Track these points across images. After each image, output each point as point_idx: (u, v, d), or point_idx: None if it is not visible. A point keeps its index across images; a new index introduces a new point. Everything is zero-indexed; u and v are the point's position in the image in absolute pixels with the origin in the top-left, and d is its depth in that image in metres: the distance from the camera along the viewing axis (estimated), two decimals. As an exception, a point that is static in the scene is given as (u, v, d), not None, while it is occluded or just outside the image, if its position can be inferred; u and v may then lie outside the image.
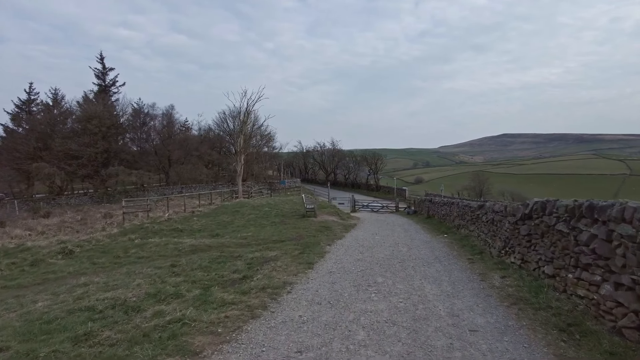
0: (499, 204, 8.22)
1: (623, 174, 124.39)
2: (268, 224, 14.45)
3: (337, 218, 17.32)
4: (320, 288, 5.26)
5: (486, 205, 9.22)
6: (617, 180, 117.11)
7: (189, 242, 10.33)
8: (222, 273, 6.71)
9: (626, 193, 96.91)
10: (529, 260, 5.97)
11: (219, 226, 14.63)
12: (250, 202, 21.46)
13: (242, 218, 16.55)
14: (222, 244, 9.97)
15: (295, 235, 11.27)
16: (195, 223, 15.57)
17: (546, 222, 5.40)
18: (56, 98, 54.19)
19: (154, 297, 5.39)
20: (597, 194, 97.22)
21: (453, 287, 5.33)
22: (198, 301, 4.97)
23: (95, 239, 11.90)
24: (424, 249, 8.99)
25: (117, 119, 47.25)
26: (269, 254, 8.19)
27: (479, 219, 9.62)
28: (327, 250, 8.64)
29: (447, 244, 9.72)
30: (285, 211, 18.09)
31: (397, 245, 9.52)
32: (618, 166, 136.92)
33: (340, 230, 12.93)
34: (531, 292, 4.75)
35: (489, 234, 8.64)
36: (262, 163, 54.12)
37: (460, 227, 12.34)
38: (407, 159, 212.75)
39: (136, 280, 6.59)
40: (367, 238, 10.97)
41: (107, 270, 8.13)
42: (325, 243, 9.62)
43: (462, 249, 8.82)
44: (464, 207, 11.94)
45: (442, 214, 16.13)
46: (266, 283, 5.50)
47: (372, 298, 4.74)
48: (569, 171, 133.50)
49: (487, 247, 8.41)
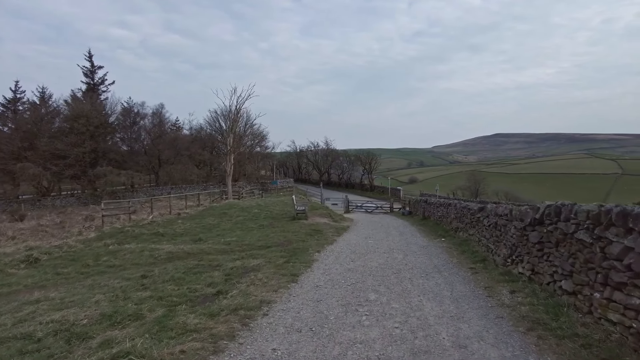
0: (503, 207, 7.52)
1: (615, 174, 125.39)
2: (256, 227, 13.67)
3: (329, 220, 16.58)
4: (303, 308, 4.51)
5: (488, 208, 8.54)
6: (609, 180, 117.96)
7: (167, 249, 9.52)
8: (195, 287, 5.93)
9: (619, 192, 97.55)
10: (540, 271, 5.27)
11: (203, 230, 13.82)
12: (239, 204, 20.65)
13: (229, 221, 15.75)
14: (202, 251, 9.18)
15: (282, 240, 10.51)
16: (179, 226, 14.74)
17: (562, 229, 4.70)
18: (43, 97, 52.83)
19: (109, 319, 4.60)
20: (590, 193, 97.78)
21: (456, 305, 4.61)
22: (157, 325, 4.19)
23: (67, 244, 11.02)
24: (421, 255, 8.28)
25: (105, 118, 46.03)
26: (251, 263, 7.42)
27: (480, 223, 8.94)
28: (315, 258, 7.88)
29: (445, 250, 9.02)
30: (275, 213, 17.32)
31: (391, 251, 8.80)
32: (610, 166, 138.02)
33: (332, 234, 12.20)
34: (549, 313, 4.04)
35: (491, 239, 7.95)
36: (255, 163, 53.19)
37: (458, 230, 11.67)
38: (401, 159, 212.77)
39: (96, 296, 5.78)
40: (360, 243, 10.24)
41: (71, 281, 7.30)
42: (314, 249, 8.87)
43: (462, 256, 8.13)
44: (463, 209, 11.27)
45: (438, 215, 15.47)
46: (240, 302, 4.73)
47: (363, 322, 4.00)
48: (561, 171, 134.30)
49: (490, 253, 7.72)
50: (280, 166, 72.14)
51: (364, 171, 56.53)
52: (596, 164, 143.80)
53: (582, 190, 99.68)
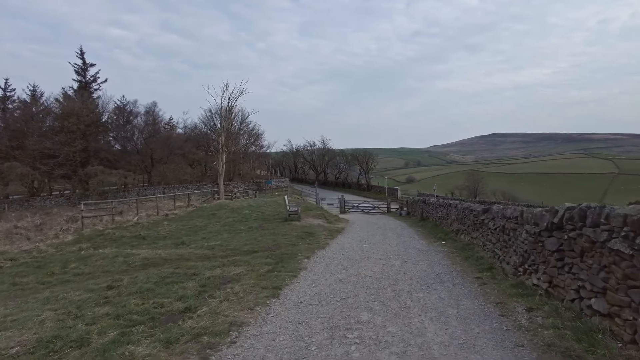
0: (512, 208, 6.77)
1: (612, 173, 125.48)
2: (245, 229, 12.88)
3: (324, 221, 15.81)
4: (281, 333, 3.72)
5: (493, 209, 7.78)
6: (606, 179, 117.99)
7: (144, 254, 8.71)
8: (163, 300, 5.15)
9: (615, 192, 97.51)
10: (561, 285, 4.52)
11: (189, 232, 13.01)
12: (230, 204, 19.83)
13: (218, 222, 14.95)
14: (182, 257, 8.38)
15: (271, 244, 9.72)
16: (164, 228, 13.92)
17: (589, 237, 3.94)
18: (34, 95, 51.69)
19: (45, 346, 3.80)
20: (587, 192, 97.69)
21: (465, 327, 3.85)
22: (100, 357, 3.42)
23: (37, 249, 10.19)
24: (420, 261, 7.52)
25: (97, 116, 45.00)
26: (232, 272, 6.63)
27: (484, 225, 8.19)
28: (303, 265, 7.10)
29: (447, 255, 8.27)
30: (267, 214, 16.53)
31: (388, 257, 8.04)
32: (606, 165, 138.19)
33: (325, 237, 11.42)
34: (581, 341, 3.29)
35: (498, 244, 7.20)
36: (250, 162, 52.33)
37: (459, 233, 10.93)
38: (398, 159, 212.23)
39: (45, 313, 4.98)
40: (354, 247, 9.47)
41: (26, 293, 6.48)
42: (304, 254, 8.09)
43: (465, 262, 7.37)
44: (464, 210, 10.52)
45: (437, 216, 14.73)
46: (206, 324, 3.95)
47: (352, 354, 3.22)
48: (558, 170, 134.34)
49: (497, 260, 6.97)
50: (276, 166, 71.29)
51: (361, 170, 55.74)
52: (593, 163, 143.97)
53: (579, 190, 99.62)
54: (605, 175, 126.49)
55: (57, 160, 39.81)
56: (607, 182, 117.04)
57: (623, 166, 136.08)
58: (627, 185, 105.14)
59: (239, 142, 51.68)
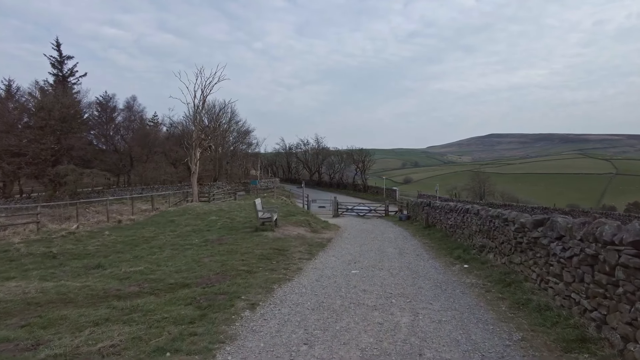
0: (607, 226, 3.74)
1: (609, 174, 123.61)
2: (197, 243, 9.76)
3: (307, 230, 12.75)
4: None
5: (559, 224, 4.69)
6: (604, 180, 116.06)
7: (6, 290, 5.58)
8: None
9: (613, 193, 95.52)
10: None
11: (126, 246, 9.89)
12: (197, 208, 16.69)
13: (173, 232, 11.85)
14: (59, 297, 5.29)
15: (216, 272, 6.62)
16: (99, 240, 10.78)
17: None
18: (9, 89, 48.28)
19: None
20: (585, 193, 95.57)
21: None
22: None
23: None
24: (443, 313, 4.47)
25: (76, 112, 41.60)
26: (99, 344, 3.55)
27: (540, 248, 5.12)
28: (237, 328, 4.01)
29: (481, 296, 5.22)
30: (237, 221, 13.42)
31: (389, 300, 4.99)
32: (604, 166, 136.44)
33: (301, 256, 8.36)
34: None
35: (576, 285, 4.15)
36: (238, 161, 49.08)
37: (485, 250, 7.91)
38: (395, 159, 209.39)
39: None
40: (337, 276, 6.41)
41: None
42: (250, 298, 5.01)
43: (520, 314, 4.34)
44: (493, 220, 7.48)
45: (448, 224, 11.71)
46: None
47: None
48: (556, 171, 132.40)
49: (583, 318, 3.90)
50: (269, 166, 68.09)
51: (357, 170, 52.63)
52: (590, 164, 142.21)
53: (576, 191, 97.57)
54: (603, 175, 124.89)
55: (25, 159, 36.43)
56: (606, 182, 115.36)
57: (621, 167, 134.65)
58: (625, 185, 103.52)
59: (227, 141, 48.53)
